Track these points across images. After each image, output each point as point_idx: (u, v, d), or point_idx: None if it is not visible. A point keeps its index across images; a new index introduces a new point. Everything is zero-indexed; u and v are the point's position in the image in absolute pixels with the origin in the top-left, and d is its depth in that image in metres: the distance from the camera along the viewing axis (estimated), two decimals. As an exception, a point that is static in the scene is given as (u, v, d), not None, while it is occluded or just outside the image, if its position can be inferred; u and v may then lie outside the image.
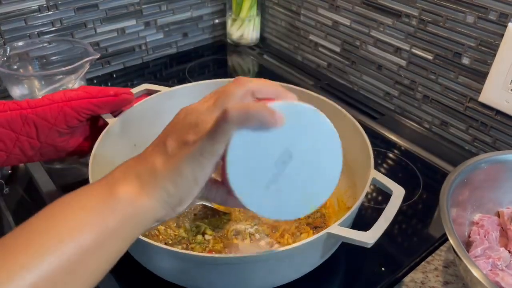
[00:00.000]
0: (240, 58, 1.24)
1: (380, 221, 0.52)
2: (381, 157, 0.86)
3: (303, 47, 1.18)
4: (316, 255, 0.56)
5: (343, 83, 1.11)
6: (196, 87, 0.78)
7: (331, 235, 0.51)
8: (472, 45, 0.80)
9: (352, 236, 0.50)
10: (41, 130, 0.64)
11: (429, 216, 0.73)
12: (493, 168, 0.66)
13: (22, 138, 0.63)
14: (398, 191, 0.57)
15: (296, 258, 0.54)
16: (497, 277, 0.55)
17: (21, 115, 0.62)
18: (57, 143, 0.66)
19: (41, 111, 0.63)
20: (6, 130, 0.62)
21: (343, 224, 0.52)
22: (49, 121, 0.63)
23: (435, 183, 0.80)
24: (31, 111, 0.62)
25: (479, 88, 0.82)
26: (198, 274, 0.54)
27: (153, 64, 1.19)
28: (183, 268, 0.55)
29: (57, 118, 0.64)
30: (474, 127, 0.86)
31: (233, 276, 0.53)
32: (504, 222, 0.66)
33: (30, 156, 0.66)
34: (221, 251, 0.64)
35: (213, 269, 0.53)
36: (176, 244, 0.65)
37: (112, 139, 0.67)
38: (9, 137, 0.63)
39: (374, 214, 0.72)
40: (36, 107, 0.63)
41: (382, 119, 0.97)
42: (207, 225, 0.67)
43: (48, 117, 0.63)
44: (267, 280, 0.56)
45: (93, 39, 1.06)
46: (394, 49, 0.95)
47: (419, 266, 0.64)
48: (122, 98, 0.67)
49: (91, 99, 0.65)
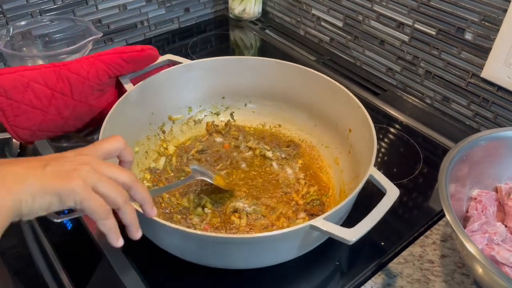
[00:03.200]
0: (242, 33, 1.23)
1: (366, 221, 0.52)
2: (383, 131, 0.87)
3: (306, 22, 1.17)
4: (297, 244, 0.56)
5: (345, 58, 1.10)
6: (214, 61, 0.80)
7: (314, 227, 0.51)
8: (476, 20, 0.80)
9: (333, 231, 0.50)
10: (75, 86, 0.65)
11: (430, 191, 0.75)
12: (493, 144, 0.67)
13: (57, 95, 0.64)
14: (392, 192, 0.56)
15: (276, 244, 0.55)
16: (493, 252, 0.57)
17: (55, 70, 0.64)
18: (90, 100, 0.68)
19: (74, 67, 0.65)
20: (41, 86, 0.63)
21: (331, 218, 0.52)
22: (82, 75, 0.65)
23: (436, 158, 0.81)
24: (64, 67, 0.64)
25: (481, 64, 0.82)
26: (191, 248, 0.57)
27: (156, 40, 1.18)
28: (173, 241, 0.57)
29: (89, 72, 0.65)
30: (476, 102, 0.87)
31: (222, 254, 0.56)
32: (502, 197, 0.67)
33: (66, 116, 0.67)
34: (217, 226, 0.66)
35: (202, 246, 0.55)
36: (176, 213, 0.68)
37: (129, 106, 0.69)
38: (44, 94, 0.63)
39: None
40: (69, 64, 0.65)
41: (384, 95, 0.97)
42: (208, 199, 0.69)
43: (81, 71, 0.65)
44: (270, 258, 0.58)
45: (95, 16, 1.06)
46: (397, 24, 0.94)
47: (417, 240, 0.66)
48: (148, 53, 0.69)
49: (120, 54, 0.67)
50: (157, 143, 0.79)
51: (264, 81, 0.82)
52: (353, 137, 0.73)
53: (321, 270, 0.62)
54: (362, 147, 0.68)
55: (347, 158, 0.74)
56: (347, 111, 0.73)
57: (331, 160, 0.78)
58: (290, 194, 0.72)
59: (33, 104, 0.62)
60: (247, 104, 0.86)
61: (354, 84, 1.00)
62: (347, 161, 0.74)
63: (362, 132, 0.69)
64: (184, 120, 0.83)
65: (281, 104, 0.84)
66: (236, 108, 0.86)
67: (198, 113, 0.84)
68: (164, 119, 0.80)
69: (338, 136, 0.77)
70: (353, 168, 0.71)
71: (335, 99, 0.75)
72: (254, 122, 0.87)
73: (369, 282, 0.60)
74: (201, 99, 0.84)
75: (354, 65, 1.08)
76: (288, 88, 0.82)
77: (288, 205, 0.70)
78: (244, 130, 0.85)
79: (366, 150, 0.65)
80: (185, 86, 0.80)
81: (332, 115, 0.77)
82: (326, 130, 0.80)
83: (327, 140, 0.80)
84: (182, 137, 0.82)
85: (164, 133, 0.80)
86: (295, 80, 0.80)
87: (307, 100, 0.81)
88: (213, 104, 0.85)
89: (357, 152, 0.71)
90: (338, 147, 0.77)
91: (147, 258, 0.62)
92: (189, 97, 0.82)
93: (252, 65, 0.81)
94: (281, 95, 0.83)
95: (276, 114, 0.86)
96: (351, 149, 0.73)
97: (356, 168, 0.69)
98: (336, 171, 0.76)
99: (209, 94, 0.84)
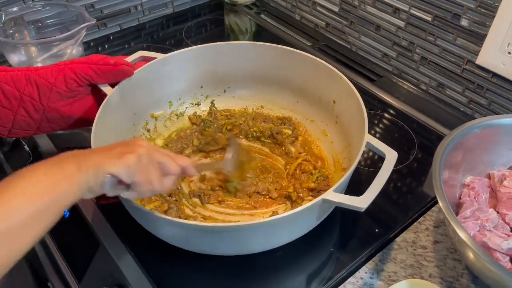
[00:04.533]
0: (237, 18, 1.22)
1: (373, 186, 0.54)
2: (378, 117, 0.88)
3: (301, 6, 1.16)
4: (312, 219, 0.59)
5: (341, 44, 1.10)
6: (189, 52, 0.79)
7: (326, 200, 0.53)
8: (472, 6, 0.80)
9: (346, 201, 0.53)
10: (42, 90, 0.65)
11: (424, 176, 0.76)
12: (486, 132, 0.67)
13: (26, 99, 0.65)
14: (391, 155, 0.59)
15: (293, 223, 0.57)
16: (485, 238, 0.58)
17: (25, 74, 0.65)
18: (59, 107, 0.68)
19: (43, 72, 0.65)
20: (11, 88, 0.64)
21: (338, 189, 0.54)
22: (49, 80, 0.65)
23: (431, 144, 0.82)
24: (35, 72, 0.65)
25: (476, 50, 0.82)
26: (199, 239, 0.58)
27: (150, 25, 1.17)
28: (183, 235, 0.58)
29: (57, 78, 0.66)
30: (471, 89, 0.87)
31: (234, 241, 0.57)
32: (494, 183, 0.68)
33: (37, 119, 0.67)
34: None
35: (215, 235, 0.56)
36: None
37: (112, 109, 0.68)
38: (13, 96, 0.65)
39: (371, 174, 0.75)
40: (40, 69, 0.65)
41: (379, 81, 0.97)
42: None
43: (48, 76, 0.65)
44: (265, 243, 0.59)
45: (88, 0, 1.04)
46: (392, 9, 0.94)
47: (411, 226, 0.68)
48: (121, 68, 0.68)
49: (91, 65, 0.67)
50: None
51: (241, 65, 0.83)
52: (338, 108, 0.75)
53: (316, 256, 0.64)
54: (349, 116, 0.70)
55: (334, 129, 0.76)
56: (329, 83, 0.75)
57: (319, 133, 0.80)
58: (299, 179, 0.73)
59: (2, 104, 0.65)
60: (226, 90, 0.86)
61: (350, 70, 1.00)
62: (335, 132, 0.76)
63: (347, 102, 0.71)
64: (166, 115, 0.83)
65: (260, 85, 0.85)
66: (216, 95, 0.86)
67: (179, 106, 0.84)
68: (147, 118, 0.80)
69: (322, 109, 0.79)
70: (343, 138, 0.73)
71: (314, 73, 0.77)
72: (236, 107, 0.87)
73: (363, 268, 0.62)
74: (180, 92, 0.83)
75: (349, 51, 1.08)
76: (266, 69, 0.82)
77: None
78: (230, 114, 0.86)
79: (355, 119, 0.66)
80: (162, 81, 0.79)
81: (313, 89, 0.79)
82: (309, 104, 0.82)
83: (311, 115, 0.82)
84: (167, 132, 0.82)
85: (149, 131, 0.80)
86: (272, 60, 0.80)
87: (286, 78, 0.82)
88: (192, 95, 0.85)
89: (344, 122, 0.73)
90: (324, 120, 0.79)
91: (145, 245, 0.63)
92: (168, 91, 0.82)
93: (226, 50, 0.81)
94: (259, 76, 0.84)
95: (257, 96, 0.86)
96: (338, 120, 0.75)
97: (347, 138, 0.71)
98: (325, 142, 0.78)
99: (187, 86, 0.84)
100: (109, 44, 1.10)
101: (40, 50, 0.86)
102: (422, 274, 0.61)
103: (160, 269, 0.61)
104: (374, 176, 0.56)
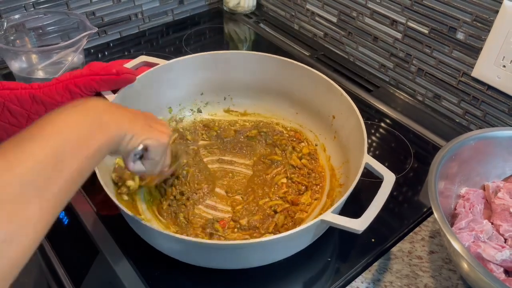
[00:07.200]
0: (236, 26, 1.23)
1: (371, 209, 0.54)
2: (375, 127, 0.89)
3: (300, 16, 1.18)
4: (309, 237, 0.59)
5: (339, 54, 1.11)
6: (193, 58, 0.80)
7: (324, 221, 0.53)
8: (468, 20, 0.81)
9: (343, 223, 0.53)
10: (50, 108, 0.66)
11: (420, 186, 0.77)
12: (482, 144, 0.68)
13: (33, 116, 0.66)
14: (389, 177, 0.58)
15: (291, 241, 0.57)
16: (479, 249, 0.59)
17: (30, 94, 0.65)
18: None
19: (48, 90, 0.66)
20: (17, 108, 0.65)
21: (336, 210, 0.55)
22: (55, 98, 0.66)
23: (427, 154, 0.83)
24: (39, 90, 0.65)
25: (472, 63, 0.84)
26: (196, 254, 0.59)
27: (150, 33, 1.18)
28: (181, 249, 0.59)
29: (63, 96, 0.66)
30: (466, 101, 0.88)
31: (232, 256, 0.58)
32: (489, 195, 0.69)
33: None
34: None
35: (211, 251, 0.57)
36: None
37: None
38: (20, 114, 0.65)
39: (367, 184, 0.76)
40: (44, 87, 0.66)
41: (377, 91, 0.99)
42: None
43: (54, 95, 0.66)
44: (262, 259, 0.60)
45: (89, 8, 1.05)
46: (390, 21, 0.95)
47: (407, 236, 0.68)
48: (124, 77, 0.68)
49: (94, 77, 0.67)
50: None
51: (242, 74, 0.83)
52: (337, 123, 0.75)
53: (313, 266, 0.64)
54: (348, 133, 0.71)
55: (333, 144, 0.77)
56: (329, 98, 0.75)
57: (318, 147, 0.80)
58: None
59: (10, 122, 0.65)
60: (226, 97, 0.87)
61: (348, 81, 1.01)
62: (334, 147, 0.77)
63: (347, 119, 0.71)
64: (166, 121, 0.83)
65: (261, 95, 0.86)
66: (216, 102, 0.87)
67: (179, 112, 0.85)
68: None
69: (322, 123, 0.79)
70: (342, 154, 0.73)
71: (315, 87, 0.77)
72: (236, 115, 0.88)
73: (360, 278, 0.62)
74: (180, 98, 0.84)
75: (347, 61, 1.09)
76: (267, 79, 0.83)
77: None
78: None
79: (355, 137, 0.67)
80: (163, 87, 0.80)
81: (313, 102, 0.80)
82: (308, 117, 0.82)
83: (310, 128, 0.82)
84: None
85: None
86: (274, 71, 0.81)
87: (287, 90, 0.83)
88: (192, 102, 0.86)
89: (343, 138, 0.74)
90: (323, 133, 0.80)
91: (144, 255, 0.63)
92: (168, 97, 0.82)
93: (229, 58, 0.82)
94: (260, 86, 0.84)
95: (257, 105, 0.87)
96: (336, 135, 0.76)
97: (345, 154, 0.72)
98: (323, 156, 0.79)
99: (187, 92, 0.84)
100: (109, 51, 1.10)
101: (41, 57, 0.86)
102: (418, 284, 0.62)
103: (158, 278, 0.61)
104: (371, 186, 0.56)
